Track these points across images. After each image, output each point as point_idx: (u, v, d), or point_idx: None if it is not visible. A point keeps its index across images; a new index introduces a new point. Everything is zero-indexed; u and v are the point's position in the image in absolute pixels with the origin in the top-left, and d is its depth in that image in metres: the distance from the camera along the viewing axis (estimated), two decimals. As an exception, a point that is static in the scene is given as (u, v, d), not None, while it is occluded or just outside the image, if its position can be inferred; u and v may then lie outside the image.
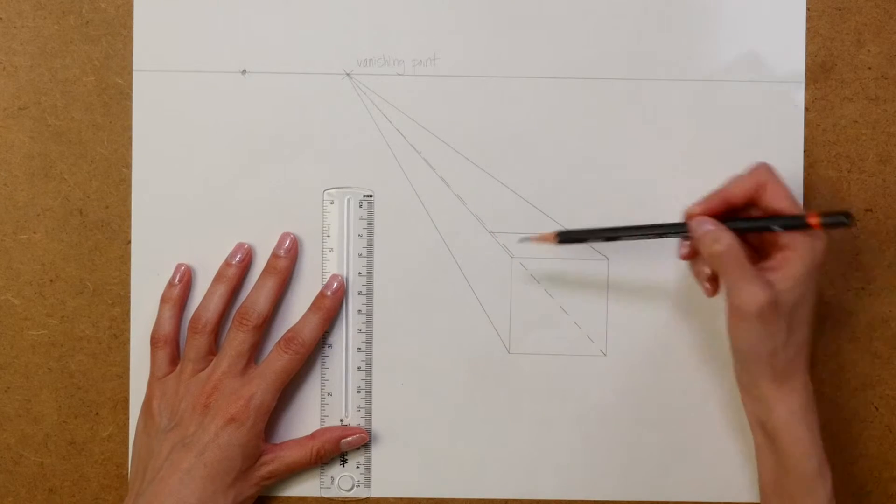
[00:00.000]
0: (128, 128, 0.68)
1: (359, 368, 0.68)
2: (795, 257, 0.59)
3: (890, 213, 0.68)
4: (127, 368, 0.68)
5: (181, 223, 0.68)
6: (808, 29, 0.68)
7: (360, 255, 0.68)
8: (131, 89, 0.68)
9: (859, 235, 0.68)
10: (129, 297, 0.68)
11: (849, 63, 0.68)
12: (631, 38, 0.68)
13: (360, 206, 0.68)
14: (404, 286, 0.68)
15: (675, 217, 0.67)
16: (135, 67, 0.68)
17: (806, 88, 0.68)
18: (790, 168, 0.68)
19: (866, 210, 0.68)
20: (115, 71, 0.68)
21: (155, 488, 0.62)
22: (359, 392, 0.68)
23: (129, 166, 0.68)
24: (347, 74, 0.68)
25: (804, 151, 0.68)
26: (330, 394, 0.68)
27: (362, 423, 0.68)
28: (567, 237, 0.65)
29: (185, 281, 0.67)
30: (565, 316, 0.68)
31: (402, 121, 0.68)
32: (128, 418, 0.68)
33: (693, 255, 0.63)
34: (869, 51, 0.68)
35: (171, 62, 0.68)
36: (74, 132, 0.68)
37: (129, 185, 0.68)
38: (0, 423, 0.69)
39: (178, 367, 0.66)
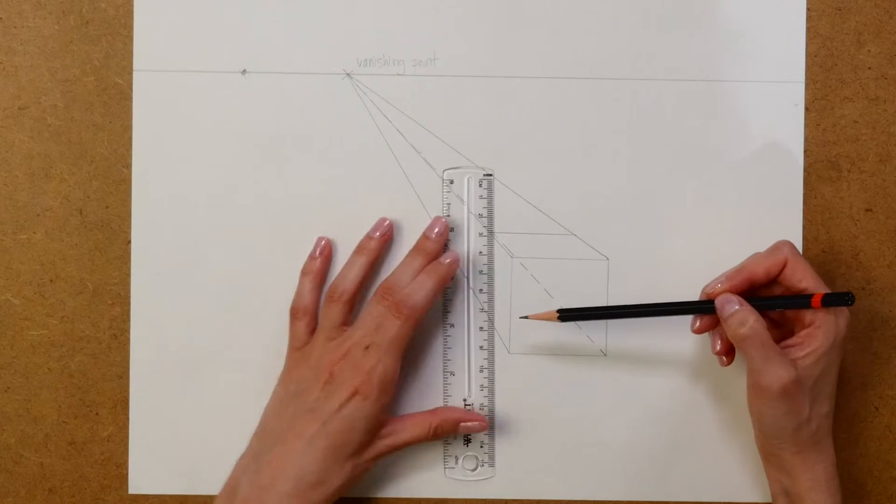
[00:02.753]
0: (128, 128, 0.68)
1: (481, 348, 0.68)
2: (819, 334, 0.61)
3: (890, 213, 0.68)
4: (127, 368, 0.68)
5: (181, 223, 0.68)
6: (808, 29, 0.68)
7: (480, 235, 0.68)
8: (131, 89, 0.68)
9: (859, 235, 0.68)
10: (129, 297, 0.68)
11: (849, 63, 0.68)
12: (631, 38, 0.68)
13: (480, 185, 0.68)
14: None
15: (674, 221, 0.67)
16: (135, 67, 0.68)
17: (806, 88, 0.68)
18: (790, 167, 0.68)
19: (866, 210, 0.68)
20: (115, 71, 0.68)
21: (277, 450, 0.62)
22: (482, 371, 0.68)
23: (129, 166, 0.68)
24: (347, 74, 0.68)
25: (804, 151, 0.68)
26: (453, 373, 0.68)
27: (485, 402, 0.68)
28: (569, 315, 0.65)
29: (325, 254, 0.67)
30: (565, 316, 0.68)
31: (402, 121, 0.68)
32: (128, 418, 0.68)
33: (705, 330, 0.64)
34: (869, 51, 0.68)
35: (171, 62, 0.68)
36: (74, 132, 0.68)
37: (129, 185, 0.68)
38: (0, 423, 0.69)
39: (314, 337, 0.66)
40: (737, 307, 0.61)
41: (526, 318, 0.67)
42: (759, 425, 0.62)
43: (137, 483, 0.68)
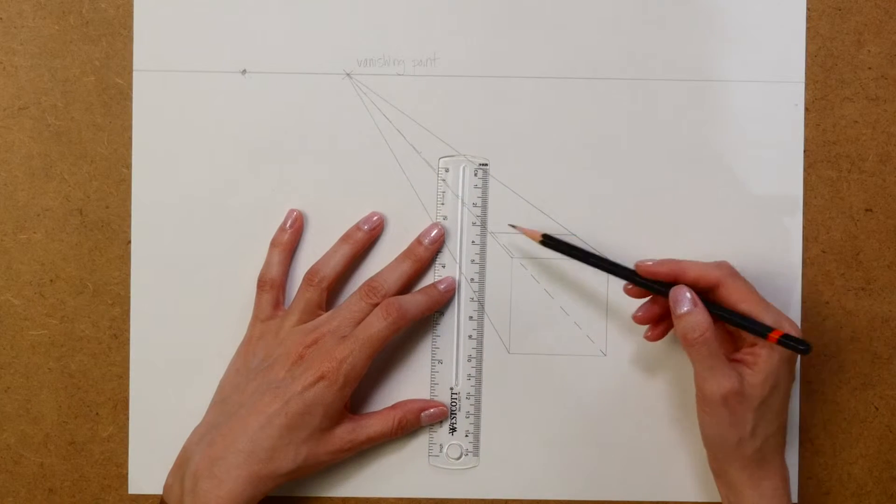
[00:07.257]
0: (128, 128, 0.68)
1: (470, 337, 0.68)
2: (765, 355, 0.60)
3: (890, 213, 0.68)
4: (127, 368, 0.68)
5: (181, 223, 0.68)
6: (808, 29, 0.68)
7: (473, 224, 0.68)
8: (131, 89, 0.68)
9: (859, 235, 0.68)
10: (129, 297, 0.68)
11: (849, 63, 0.68)
12: (631, 38, 0.68)
13: (476, 175, 0.68)
14: (404, 286, 0.68)
15: (673, 220, 0.67)
16: (135, 67, 0.68)
17: (806, 88, 0.68)
18: (790, 168, 0.68)
19: (866, 210, 0.68)
20: (115, 71, 0.68)
21: (233, 423, 0.62)
22: (469, 361, 0.68)
23: (129, 166, 0.68)
24: (347, 74, 0.68)
25: (804, 151, 0.68)
26: (441, 362, 0.68)
27: (472, 391, 0.68)
28: (550, 243, 0.65)
29: (296, 227, 0.67)
30: (565, 316, 0.68)
31: (402, 121, 0.68)
32: (128, 418, 0.68)
33: (637, 296, 0.64)
34: (869, 51, 0.68)
35: (171, 62, 0.68)
36: (74, 132, 0.68)
37: (129, 185, 0.68)
38: (0, 423, 0.69)
39: (284, 314, 0.66)
40: (688, 307, 0.61)
41: (514, 227, 0.66)
42: (705, 437, 0.62)
43: (137, 483, 0.69)
